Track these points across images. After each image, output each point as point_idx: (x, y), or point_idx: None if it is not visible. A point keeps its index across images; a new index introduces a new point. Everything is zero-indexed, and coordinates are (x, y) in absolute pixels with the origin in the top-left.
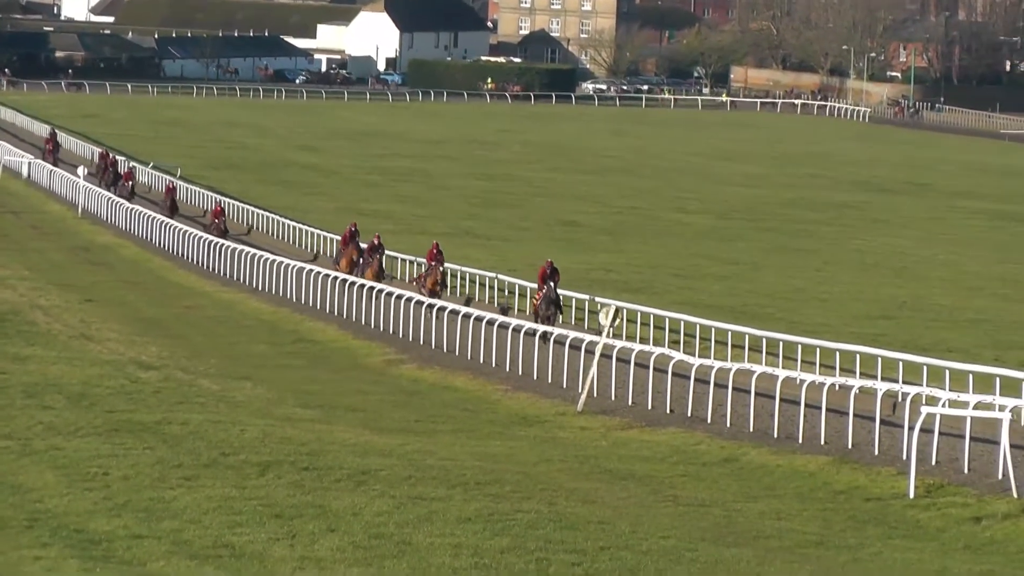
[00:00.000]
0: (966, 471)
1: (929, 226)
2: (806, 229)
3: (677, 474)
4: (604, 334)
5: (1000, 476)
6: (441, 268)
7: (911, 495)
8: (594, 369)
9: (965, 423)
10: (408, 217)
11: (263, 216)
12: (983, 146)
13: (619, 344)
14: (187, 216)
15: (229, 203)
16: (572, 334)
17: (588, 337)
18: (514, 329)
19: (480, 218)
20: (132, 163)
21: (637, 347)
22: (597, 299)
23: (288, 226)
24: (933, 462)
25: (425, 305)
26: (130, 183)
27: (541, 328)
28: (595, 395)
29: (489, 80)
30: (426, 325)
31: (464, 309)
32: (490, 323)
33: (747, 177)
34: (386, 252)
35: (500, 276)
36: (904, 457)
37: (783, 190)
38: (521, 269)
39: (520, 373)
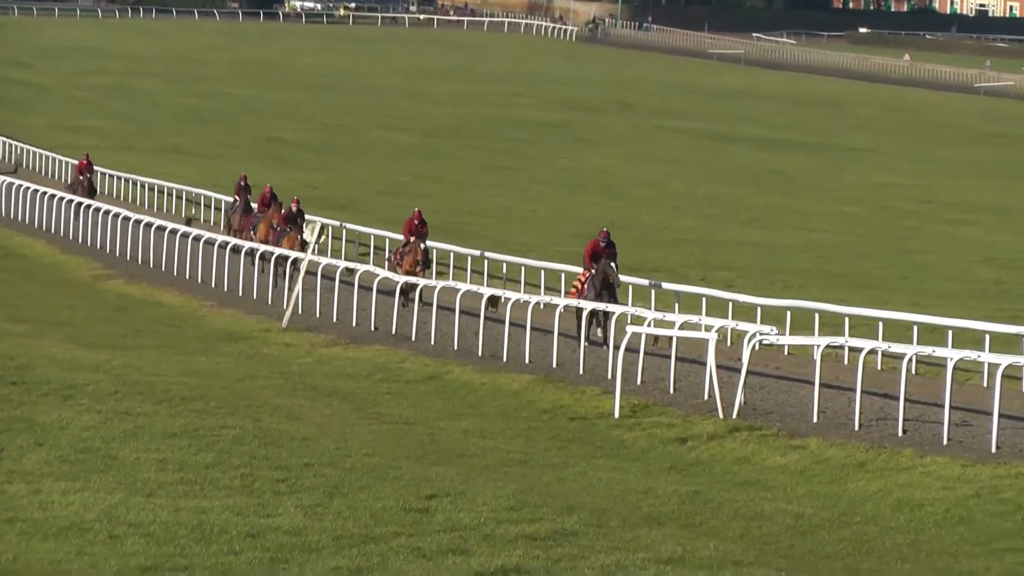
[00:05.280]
0: (672, 391)
1: (635, 145)
2: (511, 148)
3: (381, 392)
4: (308, 251)
5: (706, 397)
6: (423, 245)
7: (616, 415)
8: (299, 286)
9: (671, 343)
10: (116, 133)
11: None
12: (691, 66)
13: (324, 261)
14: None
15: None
16: (277, 251)
17: (293, 254)
18: (220, 246)
19: (187, 135)
20: None
21: (342, 264)
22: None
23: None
24: (638, 382)
25: (132, 221)
26: None
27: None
28: (300, 312)
29: None
30: (133, 241)
31: (171, 225)
32: (196, 239)
33: (453, 95)
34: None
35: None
36: (609, 377)
37: (488, 108)
38: (224, 185)
39: (226, 290)
